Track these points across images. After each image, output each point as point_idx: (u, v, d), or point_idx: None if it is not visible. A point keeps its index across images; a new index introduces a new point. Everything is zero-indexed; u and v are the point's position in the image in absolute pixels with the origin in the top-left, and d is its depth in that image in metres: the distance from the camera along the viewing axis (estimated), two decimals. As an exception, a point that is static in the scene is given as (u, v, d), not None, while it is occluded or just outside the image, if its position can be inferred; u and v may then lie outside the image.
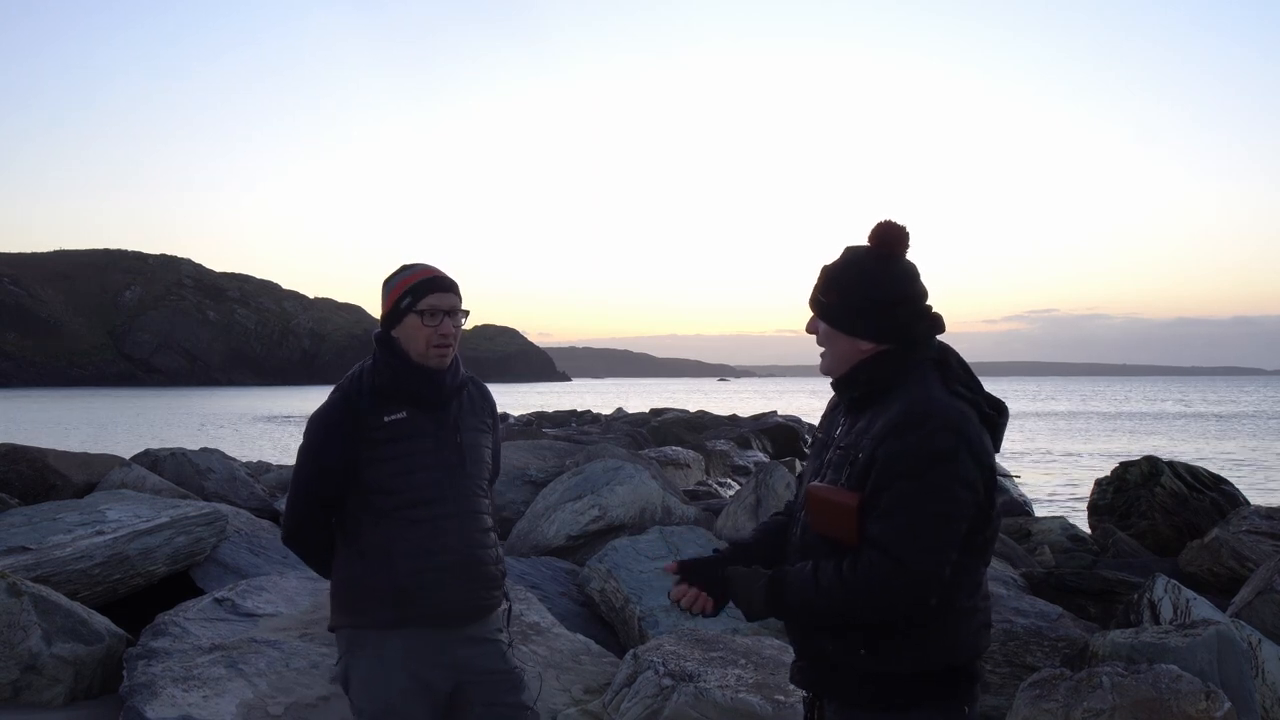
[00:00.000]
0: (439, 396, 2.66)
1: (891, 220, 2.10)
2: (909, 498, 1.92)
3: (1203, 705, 3.77)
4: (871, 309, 2.08)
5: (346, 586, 2.66)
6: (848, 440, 2.08)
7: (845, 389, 2.15)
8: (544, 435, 20.77)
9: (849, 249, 2.16)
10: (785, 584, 2.04)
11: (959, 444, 1.94)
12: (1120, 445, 32.48)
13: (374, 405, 2.60)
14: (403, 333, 2.63)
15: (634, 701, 4.04)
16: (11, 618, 4.38)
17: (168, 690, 3.94)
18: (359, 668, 2.61)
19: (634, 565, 6.11)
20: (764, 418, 33.19)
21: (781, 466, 7.59)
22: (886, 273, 2.09)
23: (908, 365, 2.07)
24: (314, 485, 2.64)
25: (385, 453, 2.59)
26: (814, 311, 2.17)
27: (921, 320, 2.12)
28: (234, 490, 8.98)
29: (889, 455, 1.95)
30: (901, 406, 1.99)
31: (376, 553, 2.59)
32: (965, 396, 2.05)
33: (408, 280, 2.64)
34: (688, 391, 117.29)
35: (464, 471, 2.67)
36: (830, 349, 2.16)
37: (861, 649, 2.01)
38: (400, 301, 2.62)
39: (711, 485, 14.70)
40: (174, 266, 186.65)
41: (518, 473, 9.40)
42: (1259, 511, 7.82)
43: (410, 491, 2.59)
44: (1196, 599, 5.11)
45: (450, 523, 2.63)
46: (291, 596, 4.91)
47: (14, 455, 8.24)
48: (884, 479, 1.95)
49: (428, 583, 2.58)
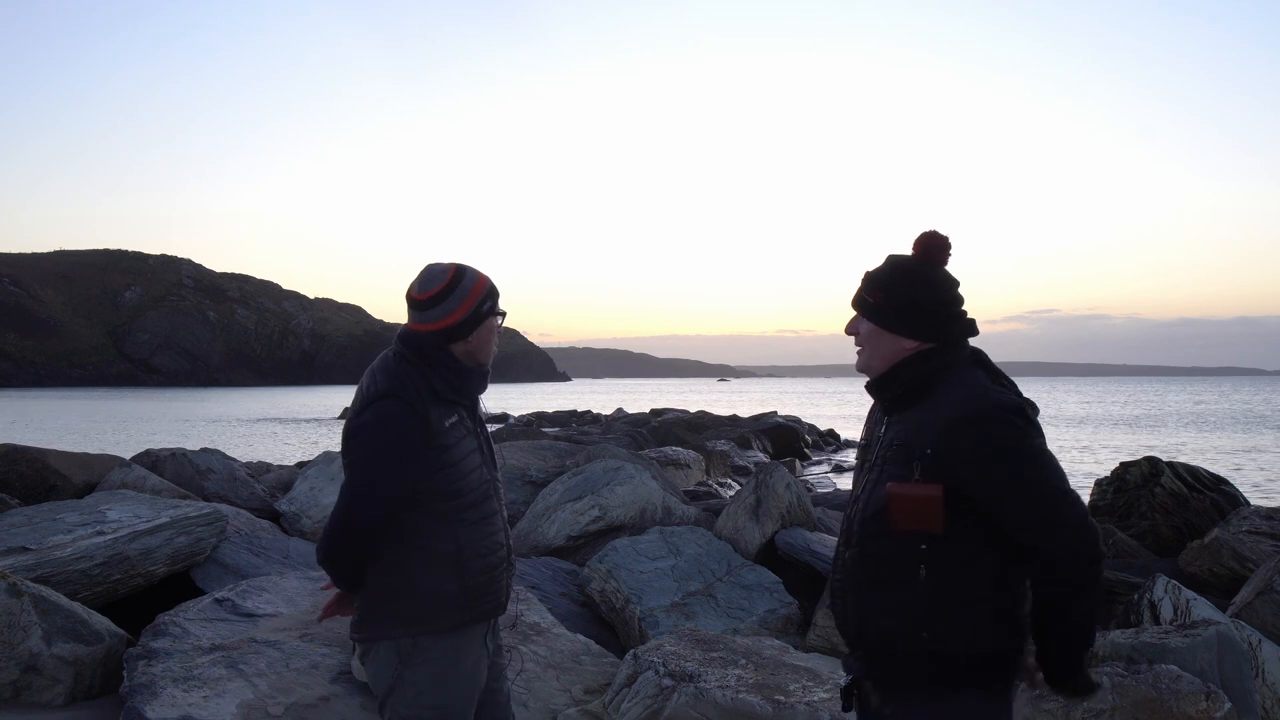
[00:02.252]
0: (479, 395, 2.77)
1: (935, 231, 2.25)
2: (1014, 477, 2.04)
3: (1203, 705, 3.77)
4: (916, 309, 2.21)
5: (408, 594, 2.61)
6: (904, 436, 2.16)
7: (884, 388, 2.26)
8: (544, 435, 20.76)
9: (893, 256, 2.30)
10: (1083, 654, 2.13)
11: (1028, 425, 2.10)
12: (1120, 445, 32.48)
13: (436, 411, 2.61)
14: (480, 336, 2.70)
15: (634, 702, 4.04)
16: (11, 618, 4.38)
17: (168, 690, 3.93)
18: (418, 676, 2.60)
19: (634, 565, 6.11)
20: (764, 418, 33.21)
21: (781, 467, 7.57)
22: (930, 277, 2.24)
23: (948, 363, 2.20)
24: (389, 501, 2.55)
25: (449, 458, 2.62)
26: (858, 311, 2.30)
27: (959, 322, 2.25)
28: (234, 490, 8.98)
29: (967, 448, 2.06)
30: (959, 400, 2.11)
31: (444, 557, 2.61)
32: (1010, 390, 2.18)
33: (481, 285, 2.70)
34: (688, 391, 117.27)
35: (494, 465, 2.80)
36: (872, 347, 2.28)
37: (924, 632, 2.10)
38: (482, 305, 2.69)
39: (712, 485, 14.70)
40: (174, 266, 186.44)
41: (518, 473, 9.39)
42: (1259, 512, 7.82)
43: (469, 493, 2.66)
44: (1196, 599, 5.11)
45: (498, 519, 2.74)
46: (291, 597, 4.91)
47: (14, 455, 8.24)
48: (971, 472, 2.05)
49: (489, 580, 2.68)
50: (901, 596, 2.12)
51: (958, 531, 2.07)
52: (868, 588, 2.18)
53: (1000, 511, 2.06)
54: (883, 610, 2.15)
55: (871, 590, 2.17)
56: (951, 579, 2.08)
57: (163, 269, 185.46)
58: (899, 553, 2.12)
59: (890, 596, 2.13)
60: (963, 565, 2.09)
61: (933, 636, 2.09)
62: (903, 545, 2.11)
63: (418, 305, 2.67)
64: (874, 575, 2.17)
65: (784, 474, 7.25)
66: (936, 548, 2.08)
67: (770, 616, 5.79)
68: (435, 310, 2.65)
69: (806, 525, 7.10)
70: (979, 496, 2.06)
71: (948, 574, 2.08)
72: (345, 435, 2.65)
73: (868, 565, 2.18)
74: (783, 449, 26.12)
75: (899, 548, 2.12)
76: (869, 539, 2.18)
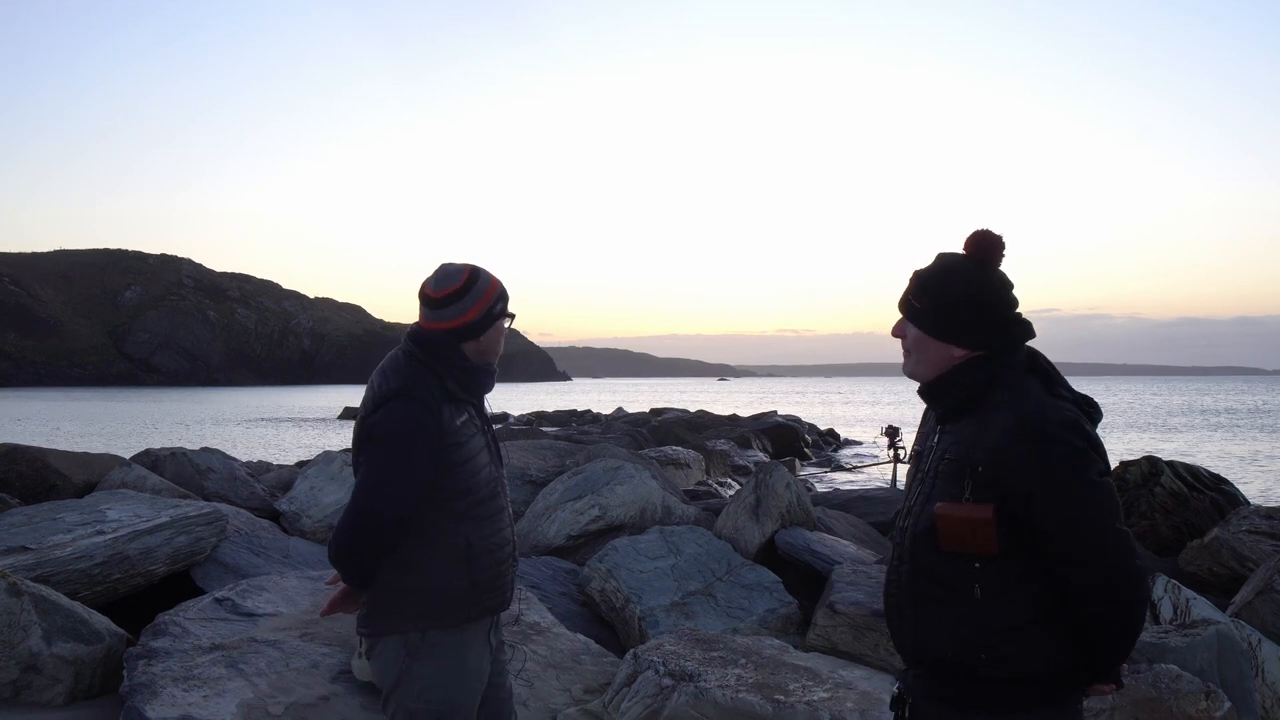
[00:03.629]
0: (487, 394, 2.82)
1: (988, 229, 2.12)
2: (1068, 508, 1.96)
3: (1203, 705, 3.77)
4: (965, 315, 2.10)
5: (418, 589, 2.64)
6: (957, 451, 2.08)
7: (939, 399, 2.16)
8: (544, 435, 20.77)
9: (942, 255, 2.17)
10: (1114, 669, 2.10)
11: (1086, 445, 1.99)
12: (1120, 445, 32.48)
13: (449, 409, 2.65)
14: (491, 336, 2.75)
15: (634, 701, 4.04)
16: (11, 617, 4.37)
17: (168, 690, 3.93)
18: (424, 669, 2.64)
19: (634, 565, 6.11)
20: (764, 418, 33.20)
21: (781, 466, 7.57)
22: (981, 280, 2.11)
23: (1001, 371, 2.09)
24: (409, 496, 2.57)
25: (460, 455, 2.66)
26: (905, 315, 2.18)
27: (1013, 327, 2.13)
28: (234, 490, 8.97)
29: (1021, 467, 1.97)
30: (1014, 415, 2.00)
31: (456, 553, 2.65)
32: (1067, 399, 2.08)
33: (494, 287, 2.75)
34: (687, 391, 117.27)
35: (501, 463, 2.84)
36: (920, 354, 2.17)
37: (982, 653, 2.04)
38: (494, 306, 2.73)
39: (711, 485, 14.70)
40: (174, 266, 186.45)
41: (518, 473, 9.39)
42: (1259, 511, 7.81)
43: (480, 490, 2.70)
44: (1196, 599, 5.11)
45: (505, 515, 2.78)
46: (291, 596, 4.91)
47: (14, 455, 8.24)
48: (1024, 492, 1.98)
49: (498, 575, 2.73)
50: (958, 615, 2.06)
51: (1011, 550, 2.01)
52: (923, 604, 2.12)
53: (1045, 537, 2.00)
54: (940, 628, 2.09)
55: (927, 607, 2.11)
56: (1007, 597, 2.02)
57: (163, 269, 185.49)
58: (953, 571, 2.06)
59: (947, 615, 2.08)
60: (1018, 583, 2.02)
61: (991, 657, 2.03)
62: (956, 563, 2.05)
63: (433, 303, 2.69)
64: (929, 592, 2.11)
65: (784, 473, 7.25)
66: (990, 566, 2.02)
67: (770, 616, 5.79)
68: (450, 309, 2.68)
69: (806, 525, 7.10)
70: (1028, 517, 2.00)
71: (1003, 592, 2.02)
72: (359, 434, 2.66)
73: (921, 582, 2.12)
74: (782, 448, 26.13)
75: (952, 566, 2.06)
76: (921, 555, 2.12)
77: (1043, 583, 2.03)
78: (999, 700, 2.05)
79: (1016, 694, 2.04)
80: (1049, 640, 2.04)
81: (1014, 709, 2.04)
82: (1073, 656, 2.06)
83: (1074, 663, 2.07)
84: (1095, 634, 2.03)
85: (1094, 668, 2.08)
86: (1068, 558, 1.99)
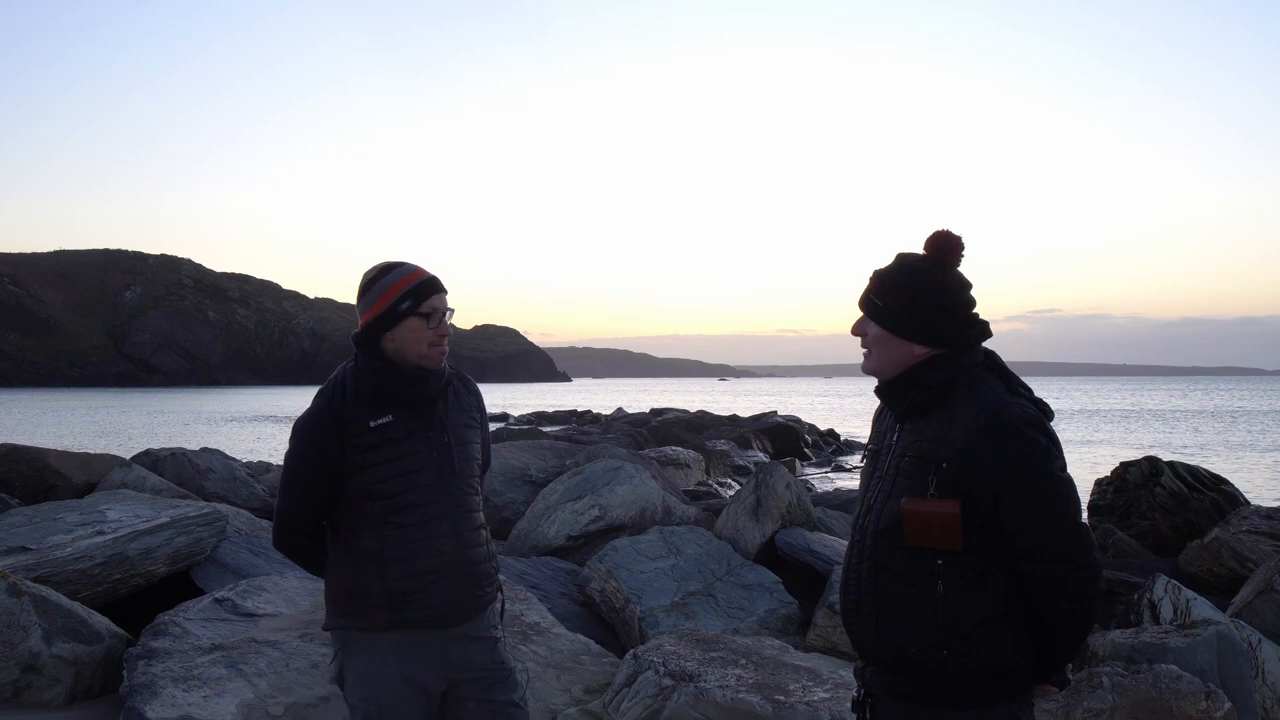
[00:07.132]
0: (426, 397, 2.64)
1: (948, 230, 2.15)
2: (1034, 503, 2.01)
3: (1203, 705, 3.77)
4: (927, 314, 2.14)
5: (339, 589, 2.64)
6: (919, 449, 2.10)
7: (898, 397, 2.19)
8: (544, 435, 20.77)
9: (902, 255, 2.20)
10: (1063, 664, 2.15)
11: (1050, 442, 2.04)
12: (1120, 445, 32.48)
13: (359, 410, 2.57)
14: (401, 334, 2.61)
15: (634, 701, 4.04)
16: (11, 618, 4.38)
17: (168, 690, 3.93)
18: (353, 667, 2.62)
19: (634, 565, 6.11)
20: (764, 418, 33.18)
21: (781, 466, 7.57)
22: (942, 279, 2.15)
23: (961, 369, 2.13)
24: (302, 493, 2.63)
25: (373, 458, 2.56)
26: (865, 313, 2.21)
27: (972, 327, 2.18)
28: (234, 490, 8.98)
29: (988, 464, 2.01)
30: (982, 413, 2.04)
31: (368, 557, 2.57)
32: (1025, 398, 2.12)
33: (404, 282, 2.61)
34: (688, 391, 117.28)
35: (453, 470, 2.65)
36: (881, 352, 2.20)
37: (944, 649, 2.06)
38: (399, 304, 2.59)
39: (711, 485, 14.71)
40: (174, 266, 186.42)
41: (518, 473, 9.39)
42: (1259, 511, 7.82)
43: (401, 495, 2.57)
44: (1196, 599, 5.11)
45: (442, 524, 2.60)
46: (291, 596, 4.91)
47: (14, 455, 8.25)
48: (990, 489, 2.01)
49: (420, 586, 2.57)
50: (921, 612, 2.08)
51: (974, 546, 2.04)
52: (885, 602, 2.13)
53: (1008, 531, 2.03)
54: (903, 626, 2.10)
55: (889, 605, 2.12)
56: (969, 593, 2.05)
57: (163, 269, 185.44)
58: (915, 568, 2.08)
59: (909, 612, 2.09)
60: (979, 579, 2.05)
61: (954, 652, 2.05)
62: (919, 560, 2.07)
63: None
64: (891, 589, 2.12)
65: (784, 474, 7.25)
66: (953, 563, 2.05)
67: (770, 616, 5.79)
68: (360, 302, 2.66)
69: (807, 525, 7.10)
70: (992, 513, 2.03)
71: (965, 589, 2.05)
72: None
73: (884, 579, 2.13)
74: (783, 449, 26.11)
75: (915, 563, 2.08)
76: (883, 552, 2.13)
77: (1004, 579, 2.06)
78: (960, 696, 2.07)
79: (977, 689, 2.06)
80: (1010, 636, 2.06)
81: (975, 704, 2.07)
82: (1031, 653, 2.10)
83: (1031, 659, 2.11)
84: (1051, 627, 2.07)
85: (1044, 664, 2.11)
86: (1030, 553, 2.03)
